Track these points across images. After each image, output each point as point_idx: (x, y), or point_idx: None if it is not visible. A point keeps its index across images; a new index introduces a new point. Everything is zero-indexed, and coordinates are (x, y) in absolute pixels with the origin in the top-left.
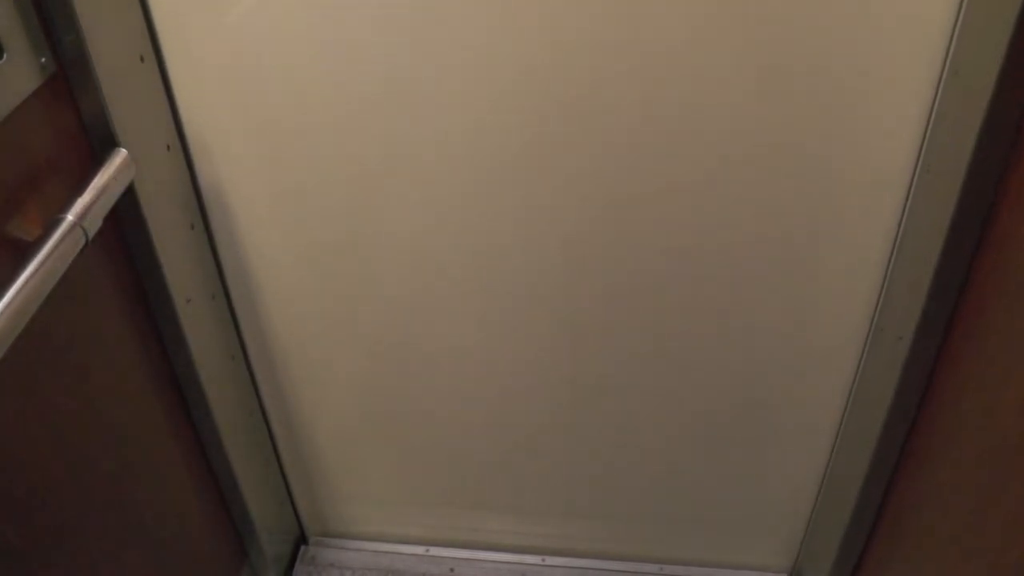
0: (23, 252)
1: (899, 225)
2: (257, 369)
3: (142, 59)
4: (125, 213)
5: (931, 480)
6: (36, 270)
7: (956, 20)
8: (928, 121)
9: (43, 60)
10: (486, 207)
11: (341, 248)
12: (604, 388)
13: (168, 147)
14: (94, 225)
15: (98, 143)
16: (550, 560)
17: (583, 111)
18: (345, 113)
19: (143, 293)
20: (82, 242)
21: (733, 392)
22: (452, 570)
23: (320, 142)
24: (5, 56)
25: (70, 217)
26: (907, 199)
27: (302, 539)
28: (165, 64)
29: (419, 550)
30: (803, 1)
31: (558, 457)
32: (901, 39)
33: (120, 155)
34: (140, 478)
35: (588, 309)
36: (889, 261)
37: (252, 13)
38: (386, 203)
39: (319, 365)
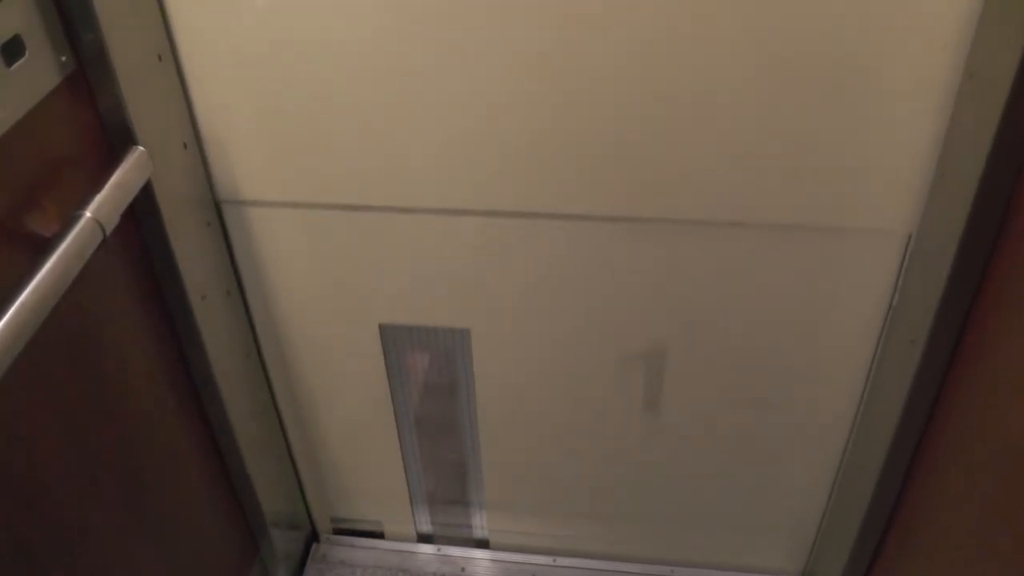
0: (41, 247)
1: (913, 227)
2: (271, 366)
3: (160, 58)
4: (142, 210)
5: (943, 484)
6: (54, 266)
7: (972, 22)
8: (943, 124)
9: (63, 58)
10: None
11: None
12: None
13: (185, 145)
14: (111, 222)
15: (116, 140)
16: (561, 561)
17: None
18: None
19: (158, 289)
20: (99, 238)
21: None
22: (463, 570)
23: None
24: (27, 54)
25: (88, 214)
26: (921, 202)
27: (313, 537)
28: (182, 63)
29: (430, 549)
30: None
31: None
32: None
33: (137, 152)
34: (153, 473)
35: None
36: (902, 264)
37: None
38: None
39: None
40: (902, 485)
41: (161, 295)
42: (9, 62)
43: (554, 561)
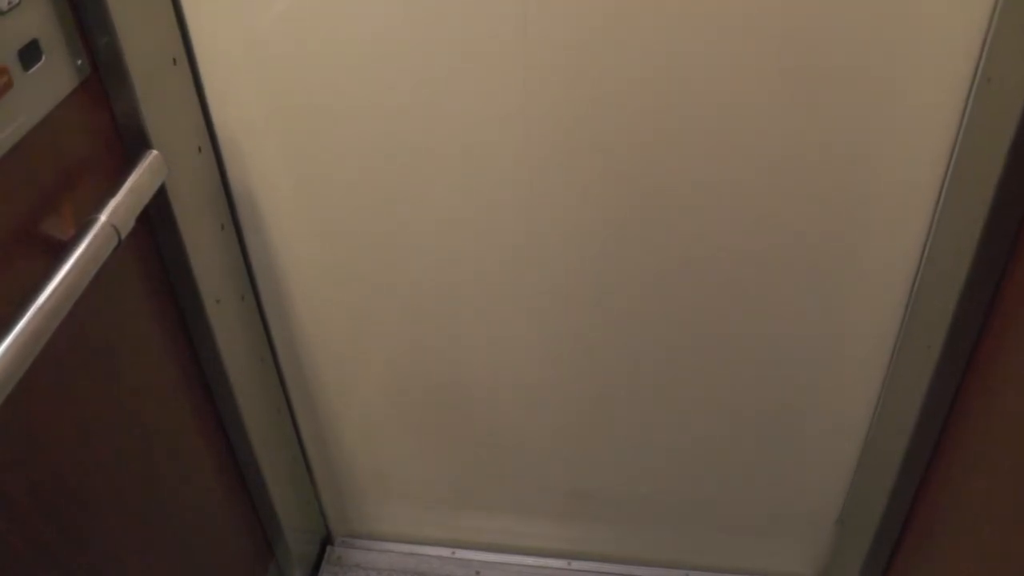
0: (57, 251)
1: (929, 233)
2: (285, 369)
3: (175, 61)
4: (156, 214)
5: (960, 489)
6: (70, 270)
7: (988, 28)
8: (959, 128)
9: (79, 62)
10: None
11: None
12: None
13: (199, 149)
14: (126, 225)
15: (131, 144)
16: (575, 564)
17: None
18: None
19: (173, 293)
20: (115, 242)
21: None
22: (478, 573)
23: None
24: (44, 58)
25: (103, 217)
26: (937, 206)
27: (328, 539)
28: (197, 66)
29: (445, 552)
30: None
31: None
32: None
33: (152, 156)
34: (168, 476)
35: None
36: (918, 269)
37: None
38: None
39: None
40: (919, 489)
41: (175, 299)
42: (27, 66)
43: (569, 564)
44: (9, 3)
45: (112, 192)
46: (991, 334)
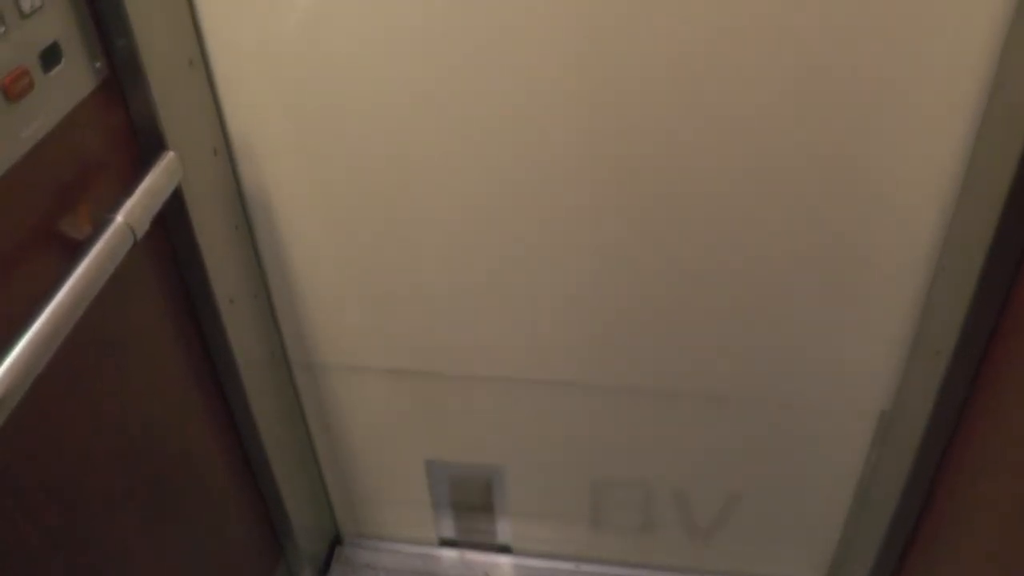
0: (74, 251)
1: (942, 238)
2: (296, 369)
3: (191, 63)
4: (172, 214)
5: (970, 493)
6: (86, 269)
7: (1005, 31)
8: (974, 132)
9: (97, 64)
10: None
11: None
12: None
13: (215, 150)
14: (142, 226)
15: (147, 145)
16: (584, 567)
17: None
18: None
19: (187, 293)
20: (130, 242)
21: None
22: (486, 574)
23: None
24: (63, 61)
25: (119, 218)
26: (950, 211)
27: (338, 539)
28: (212, 68)
29: (454, 554)
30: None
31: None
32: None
33: (168, 157)
34: (179, 474)
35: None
36: (929, 275)
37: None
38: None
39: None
40: (928, 493)
41: (189, 298)
42: (47, 68)
43: (577, 567)
44: (31, 6)
45: (128, 193)
46: (1001, 340)
